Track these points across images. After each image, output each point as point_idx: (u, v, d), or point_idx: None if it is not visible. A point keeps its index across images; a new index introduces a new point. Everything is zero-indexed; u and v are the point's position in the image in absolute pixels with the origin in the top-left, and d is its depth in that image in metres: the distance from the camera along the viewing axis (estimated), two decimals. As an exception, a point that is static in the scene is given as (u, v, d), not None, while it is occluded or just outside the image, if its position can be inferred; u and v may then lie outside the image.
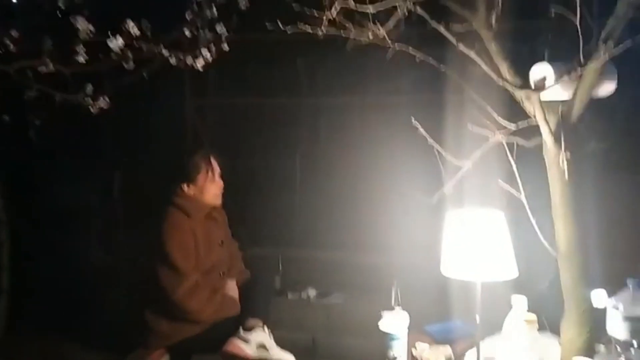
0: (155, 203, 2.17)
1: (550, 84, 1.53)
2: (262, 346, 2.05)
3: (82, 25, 1.87)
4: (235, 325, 2.07)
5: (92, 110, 2.08)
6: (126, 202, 3.39)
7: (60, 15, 1.89)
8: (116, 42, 1.90)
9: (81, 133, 3.13)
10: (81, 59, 1.91)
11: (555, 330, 1.70)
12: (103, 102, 2.07)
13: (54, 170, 3.27)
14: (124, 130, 3.30)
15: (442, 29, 1.55)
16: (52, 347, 2.76)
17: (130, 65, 2.01)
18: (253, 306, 2.14)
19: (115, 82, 2.08)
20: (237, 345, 2.00)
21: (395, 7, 1.64)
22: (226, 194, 2.25)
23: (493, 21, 1.58)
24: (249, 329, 2.05)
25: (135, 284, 2.25)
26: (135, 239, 2.49)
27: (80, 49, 1.89)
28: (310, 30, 1.69)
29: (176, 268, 1.99)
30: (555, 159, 1.57)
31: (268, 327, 2.09)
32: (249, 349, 2.00)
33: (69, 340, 2.76)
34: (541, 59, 1.66)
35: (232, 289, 2.18)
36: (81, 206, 3.35)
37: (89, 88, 2.05)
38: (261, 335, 2.05)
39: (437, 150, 1.77)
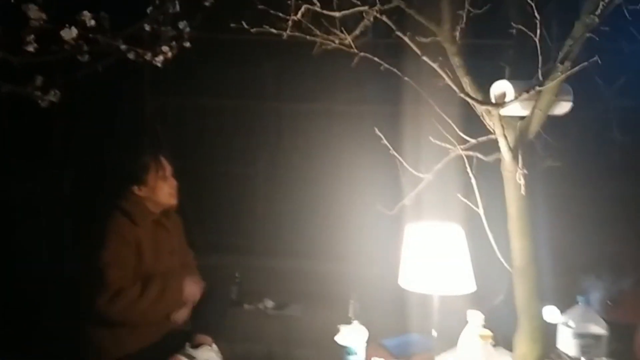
0: (102, 206, 2.07)
1: (509, 100, 1.55)
2: None
3: (35, 13, 1.76)
4: (184, 340, 1.99)
5: (41, 103, 1.96)
6: (75, 204, 3.22)
7: (12, 1, 1.78)
8: (70, 33, 1.79)
9: (30, 129, 2.96)
10: (31, 48, 1.79)
11: (509, 346, 1.71)
12: (53, 96, 1.96)
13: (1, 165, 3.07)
14: (77, 128, 3.15)
15: (406, 39, 1.55)
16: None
17: (84, 57, 1.91)
18: (205, 320, 2.05)
19: (68, 76, 1.98)
20: (180, 363, 1.91)
21: (362, 14, 1.63)
22: (183, 198, 2.17)
23: (457, 36, 1.59)
24: (196, 346, 1.97)
25: (77, 291, 2.12)
26: (80, 243, 2.36)
27: (31, 38, 1.77)
28: (275, 32, 1.66)
29: (103, 276, 1.89)
30: (513, 174, 1.59)
31: (218, 344, 2.01)
32: None
33: (6, 351, 2.58)
34: (503, 77, 1.69)
35: (185, 310, 2.09)
36: (28, 207, 3.16)
37: (39, 80, 1.93)
38: (207, 354, 1.96)
39: (399, 162, 1.76)
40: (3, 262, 2.93)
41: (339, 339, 1.71)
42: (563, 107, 1.67)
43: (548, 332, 1.65)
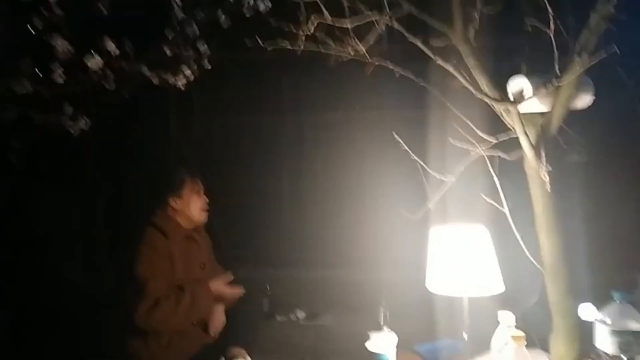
0: (137, 224, 2.13)
1: (528, 97, 1.54)
2: None
3: (60, 44, 1.85)
4: (218, 353, 2.02)
5: (72, 131, 2.05)
6: (109, 224, 3.33)
7: (36, 35, 1.86)
8: (95, 61, 1.87)
9: (63, 155, 3.08)
10: (59, 78, 1.88)
11: (545, 346, 1.68)
12: (83, 123, 2.04)
13: (35, 193, 3.21)
14: (107, 151, 3.26)
15: (419, 44, 1.56)
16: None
17: (111, 85, 1.99)
18: (238, 332, 2.09)
19: (96, 103, 2.06)
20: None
21: (374, 23, 1.65)
22: (211, 214, 2.22)
23: (471, 36, 1.59)
24: (230, 359, 2.00)
25: (116, 308, 2.19)
26: (116, 262, 2.44)
27: (58, 68, 1.86)
28: (289, 46, 1.69)
29: (141, 288, 1.95)
30: (537, 171, 1.57)
31: (251, 356, 2.04)
32: None
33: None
34: (519, 73, 1.67)
35: (219, 315, 2.13)
36: (63, 229, 3.28)
37: (69, 109, 2.01)
38: None
39: (421, 165, 1.76)
40: (43, 283, 3.04)
41: (370, 345, 1.70)
42: (585, 101, 1.65)
43: (585, 331, 1.61)
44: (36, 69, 1.89)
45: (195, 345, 2.05)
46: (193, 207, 2.13)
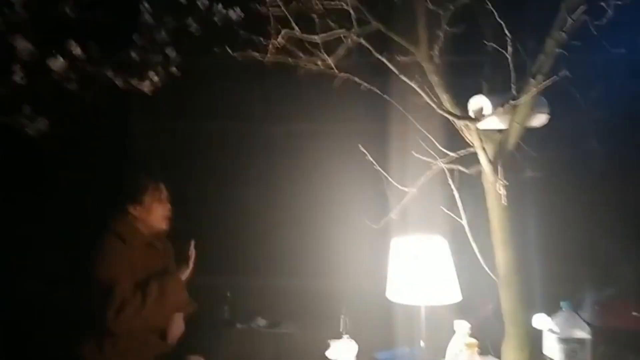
0: (95, 229, 2.09)
1: (487, 115, 1.61)
2: None
3: (21, 44, 1.80)
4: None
5: (30, 132, 1.99)
6: (64, 228, 3.23)
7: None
8: (57, 63, 1.83)
9: (19, 154, 2.98)
10: (19, 79, 1.83)
11: (498, 354, 1.74)
12: (42, 124, 1.99)
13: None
14: (65, 153, 3.16)
15: (384, 60, 1.61)
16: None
17: (72, 86, 1.95)
18: (197, 340, 2.06)
19: (57, 104, 2.01)
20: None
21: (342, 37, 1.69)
22: (174, 220, 2.20)
23: (435, 54, 1.65)
24: None
25: (68, 314, 2.12)
26: (70, 266, 2.37)
27: (18, 68, 1.81)
28: (257, 56, 1.71)
29: (106, 292, 1.91)
30: (493, 185, 1.64)
31: None
32: None
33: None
34: (482, 90, 1.75)
35: (178, 322, 2.10)
36: (13, 232, 3.16)
37: (27, 110, 1.96)
38: None
39: (384, 177, 1.81)
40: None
41: (330, 354, 1.72)
42: (540, 119, 1.73)
43: (535, 339, 1.68)
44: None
45: (153, 354, 2.02)
46: (154, 214, 2.09)
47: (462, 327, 1.65)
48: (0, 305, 2.84)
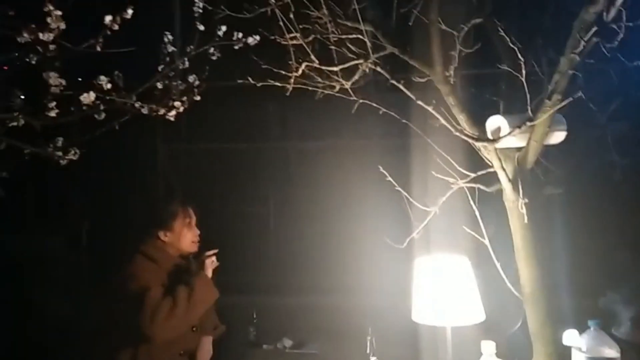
0: (124, 253, 2.14)
1: (504, 135, 1.62)
2: None
3: (54, 80, 1.89)
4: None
5: (61, 162, 2.07)
6: (94, 253, 3.31)
7: (30, 68, 1.90)
8: (89, 97, 1.91)
9: (49, 182, 3.09)
10: (52, 113, 1.91)
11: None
12: (74, 155, 2.06)
13: (20, 221, 3.19)
14: (93, 179, 3.26)
15: (400, 85, 1.64)
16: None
17: (101, 116, 2.02)
18: None
19: (86, 133, 2.08)
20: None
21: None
22: (199, 242, 2.24)
23: (451, 76, 1.68)
24: None
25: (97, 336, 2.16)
26: (100, 290, 2.42)
27: (52, 104, 1.89)
28: (279, 84, 1.76)
29: (138, 302, 1.92)
30: (515, 203, 1.64)
31: None
32: None
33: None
34: (499, 109, 1.76)
35: (207, 346, 2.13)
36: (47, 257, 3.26)
37: (60, 141, 2.03)
38: None
39: (405, 196, 1.82)
40: (23, 311, 3.00)
41: (358, 375, 1.73)
42: (558, 137, 1.74)
43: (565, 357, 1.66)
44: (28, 102, 1.93)
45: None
46: (183, 240, 2.13)
47: (488, 347, 1.65)
48: (30, 326, 2.92)
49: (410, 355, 2.16)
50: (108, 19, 1.85)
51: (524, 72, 1.52)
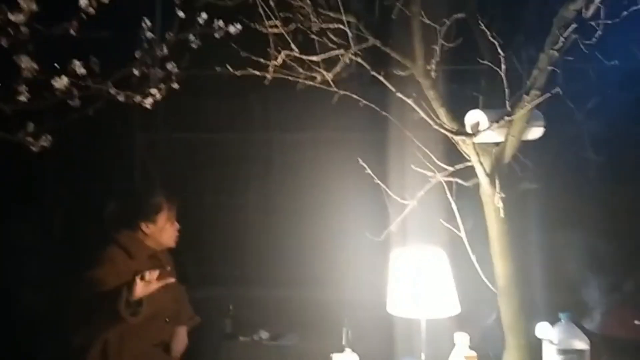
0: (100, 242, 2.10)
1: (482, 130, 1.64)
2: None
3: (26, 63, 1.83)
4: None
5: (33, 149, 2.01)
6: (67, 242, 3.25)
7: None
8: (61, 82, 1.86)
9: (21, 170, 3.00)
10: (23, 98, 1.85)
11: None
12: (45, 141, 2.01)
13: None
14: (68, 167, 3.19)
15: (380, 77, 1.64)
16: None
17: (75, 102, 1.97)
18: (200, 354, 2.07)
19: (59, 119, 2.03)
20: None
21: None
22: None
23: (432, 70, 1.68)
24: None
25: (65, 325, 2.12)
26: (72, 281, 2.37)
27: (23, 88, 1.83)
28: (258, 74, 1.74)
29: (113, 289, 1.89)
30: (491, 198, 1.66)
31: None
32: None
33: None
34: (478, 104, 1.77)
35: (181, 336, 2.11)
36: (17, 246, 3.18)
37: (31, 127, 1.98)
38: None
39: (383, 189, 1.83)
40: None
41: (333, 367, 1.74)
42: (535, 133, 1.76)
43: (536, 350, 1.69)
44: (-2, 86, 1.86)
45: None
46: (164, 233, 2.10)
47: (462, 339, 1.67)
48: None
49: (385, 347, 2.17)
50: (83, 2, 1.80)
51: (503, 67, 1.53)
